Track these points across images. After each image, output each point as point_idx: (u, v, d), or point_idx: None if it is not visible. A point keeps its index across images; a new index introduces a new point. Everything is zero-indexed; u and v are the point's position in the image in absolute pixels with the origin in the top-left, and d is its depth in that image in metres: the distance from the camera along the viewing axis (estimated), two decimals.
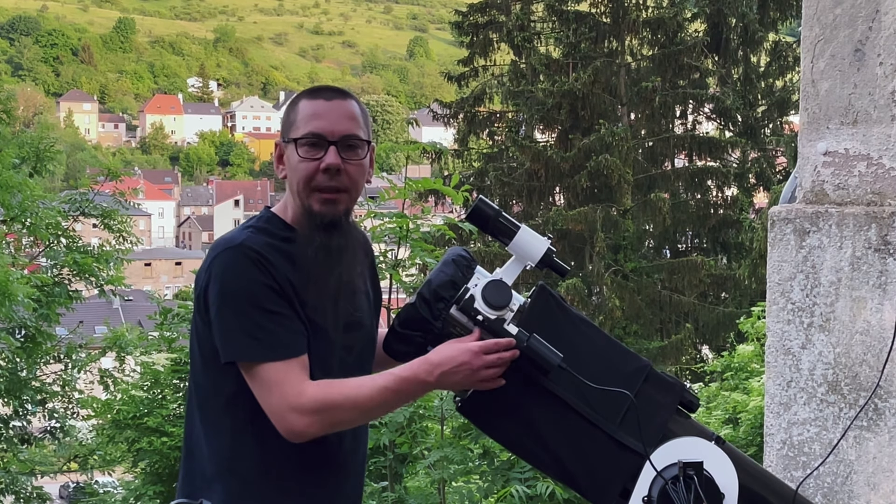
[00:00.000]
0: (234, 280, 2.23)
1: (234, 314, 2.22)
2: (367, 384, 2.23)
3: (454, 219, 6.37)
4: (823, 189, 2.84)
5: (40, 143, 11.20)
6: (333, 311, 2.33)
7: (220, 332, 2.23)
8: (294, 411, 2.19)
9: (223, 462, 2.31)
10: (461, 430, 5.86)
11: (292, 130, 2.34)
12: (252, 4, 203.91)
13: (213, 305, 2.24)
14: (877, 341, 2.69)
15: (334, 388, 2.22)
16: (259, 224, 2.34)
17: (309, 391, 2.20)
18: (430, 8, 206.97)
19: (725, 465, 2.20)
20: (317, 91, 2.39)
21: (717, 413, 9.01)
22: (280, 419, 2.20)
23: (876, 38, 2.74)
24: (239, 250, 2.24)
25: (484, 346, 2.19)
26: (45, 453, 11.23)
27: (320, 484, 2.36)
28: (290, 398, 2.19)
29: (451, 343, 2.22)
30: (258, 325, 2.21)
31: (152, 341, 8.62)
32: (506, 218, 2.33)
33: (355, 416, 2.26)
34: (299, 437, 2.22)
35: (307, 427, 2.19)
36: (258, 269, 2.22)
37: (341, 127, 2.32)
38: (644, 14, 25.65)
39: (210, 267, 2.26)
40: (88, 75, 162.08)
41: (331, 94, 2.37)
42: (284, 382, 2.20)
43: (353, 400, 2.21)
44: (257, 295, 2.21)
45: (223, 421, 2.31)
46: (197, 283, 2.31)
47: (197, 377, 2.36)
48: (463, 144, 27.66)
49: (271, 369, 2.20)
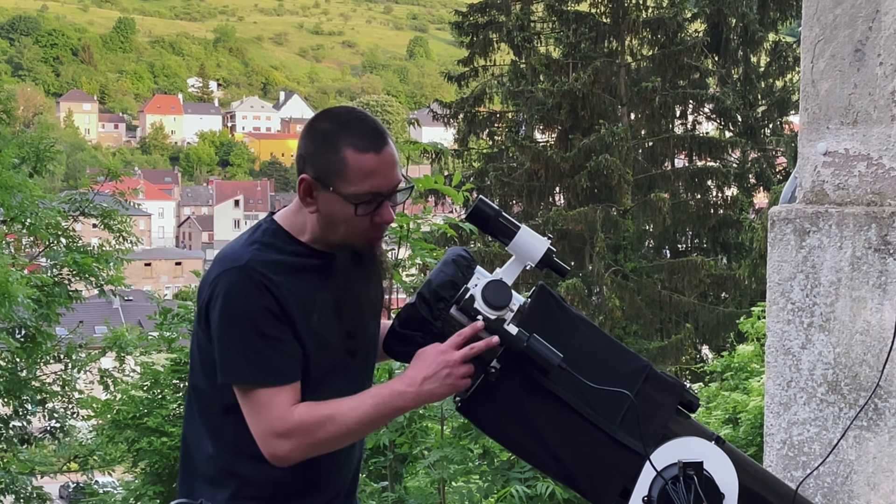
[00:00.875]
0: (236, 302, 2.23)
1: (233, 336, 2.23)
2: (351, 405, 2.24)
3: (455, 218, 6.37)
4: (823, 189, 2.84)
5: (40, 143, 11.19)
6: (340, 321, 2.35)
7: (219, 352, 2.26)
8: (276, 436, 2.21)
9: (224, 464, 2.32)
10: (461, 430, 5.86)
11: (341, 182, 2.26)
12: (252, 4, 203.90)
13: (214, 323, 2.26)
14: (877, 341, 2.69)
15: (318, 410, 2.23)
16: (265, 239, 2.32)
17: (291, 416, 2.21)
18: (430, 8, 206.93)
19: (725, 465, 2.20)
20: (361, 137, 2.28)
21: (717, 413, 9.01)
22: (263, 444, 2.23)
23: (876, 38, 2.74)
24: (244, 272, 2.24)
25: (467, 355, 2.19)
26: (45, 453, 11.24)
27: (319, 485, 2.37)
28: (274, 423, 2.21)
29: (431, 353, 2.22)
30: (254, 350, 2.22)
31: (152, 341, 8.63)
32: (506, 218, 2.33)
33: (338, 437, 2.26)
34: (282, 462, 2.24)
35: (289, 452, 2.22)
36: (261, 293, 2.23)
37: (394, 180, 2.31)
38: (644, 14, 25.66)
39: (214, 283, 2.27)
40: (88, 75, 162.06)
41: (378, 143, 2.28)
42: (270, 408, 2.22)
43: (335, 420, 2.22)
44: (257, 320, 2.23)
45: (224, 425, 2.32)
46: (200, 295, 2.32)
47: (197, 382, 2.37)
48: (463, 144, 27.67)
49: (261, 394, 2.22)
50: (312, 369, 2.28)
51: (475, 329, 2.20)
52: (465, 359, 2.19)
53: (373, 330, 2.49)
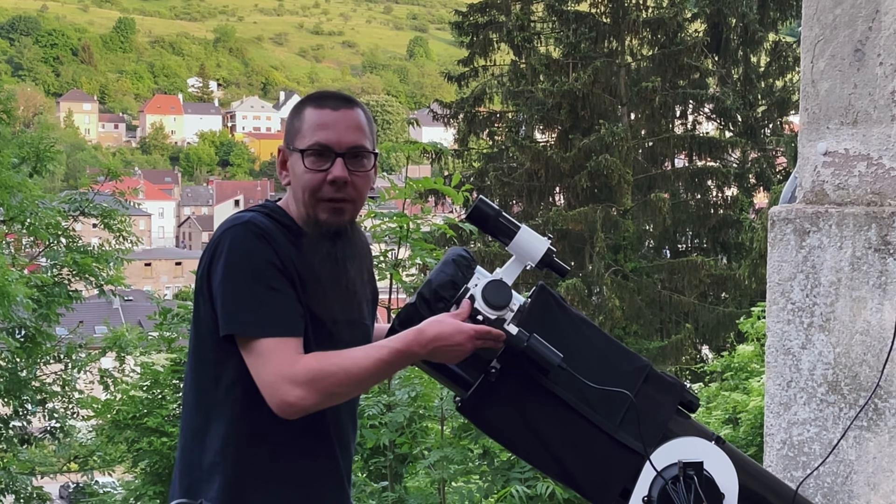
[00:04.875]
0: (240, 254, 2.24)
1: (238, 287, 2.23)
2: (361, 355, 2.23)
3: (455, 219, 6.37)
4: (823, 189, 2.84)
5: (40, 143, 11.20)
6: (334, 314, 2.35)
7: (222, 305, 2.25)
8: (287, 382, 2.18)
9: (221, 451, 2.31)
10: (461, 430, 5.86)
11: (298, 139, 2.34)
12: (252, 4, 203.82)
13: (217, 277, 2.25)
14: (877, 341, 2.69)
15: (328, 358, 2.22)
16: (265, 211, 2.36)
17: (302, 362, 2.20)
18: (430, 8, 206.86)
19: (725, 465, 2.20)
20: (323, 98, 2.37)
21: (717, 413, 9.00)
22: (273, 391, 2.19)
23: (876, 38, 2.74)
24: (246, 227, 2.27)
25: (479, 332, 2.20)
26: (45, 453, 11.24)
27: (315, 469, 2.37)
28: (284, 369, 2.19)
29: (446, 318, 2.22)
30: (260, 301, 2.22)
31: (152, 341, 8.62)
32: (506, 218, 2.34)
33: (349, 386, 2.25)
34: (292, 409, 2.20)
35: (300, 399, 2.18)
36: (264, 246, 2.24)
37: (348, 138, 2.32)
38: (644, 14, 25.65)
39: (216, 243, 2.28)
40: (88, 75, 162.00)
41: (337, 103, 2.35)
42: (279, 355, 2.20)
43: (347, 370, 2.21)
44: (262, 270, 2.23)
45: (221, 410, 2.31)
46: (200, 262, 2.32)
47: (195, 366, 2.37)
48: (463, 144, 27.65)
49: (269, 343, 2.21)
50: (308, 348, 2.28)
51: (493, 332, 2.21)
52: (478, 335, 2.19)
53: (367, 326, 2.49)
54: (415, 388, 5.84)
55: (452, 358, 2.22)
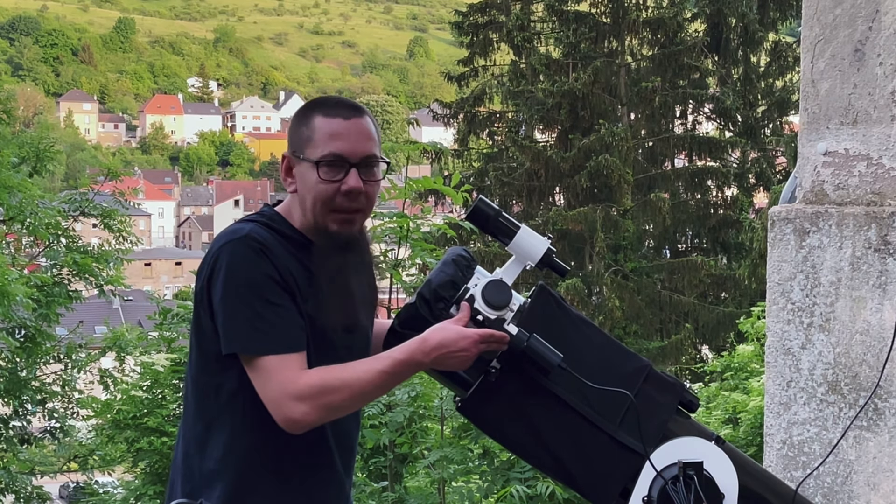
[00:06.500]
0: (239, 270, 2.23)
1: (238, 305, 2.23)
2: (364, 368, 2.23)
3: (455, 218, 6.37)
4: (823, 189, 2.84)
5: (40, 143, 11.19)
6: (336, 321, 2.34)
7: (223, 323, 2.24)
8: (291, 398, 2.19)
9: (222, 459, 2.31)
10: (461, 430, 5.86)
11: (309, 148, 2.32)
12: (252, 4, 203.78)
13: (218, 295, 2.24)
14: (877, 341, 2.69)
15: (331, 373, 2.22)
16: (263, 220, 2.35)
17: (305, 378, 2.20)
18: (430, 8, 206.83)
19: (725, 465, 2.20)
20: (332, 106, 2.36)
21: (717, 413, 9.01)
22: (277, 408, 2.20)
23: (876, 38, 2.74)
24: (244, 241, 2.26)
25: (483, 335, 2.19)
26: (45, 453, 11.23)
27: (317, 477, 2.37)
28: (287, 385, 2.19)
29: (448, 325, 2.21)
30: (260, 317, 2.22)
31: (152, 341, 8.61)
32: (506, 218, 2.33)
33: (353, 400, 2.25)
34: (297, 425, 2.21)
35: (304, 415, 2.19)
36: (263, 260, 2.24)
37: (362, 148, 2.32)
38: (644, 14, 25.66)
39: (214, 257, 2.27)
40: (88, 75, 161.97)
41: (349, 112, 2.34)
42: (282, 372, 2.20)
43: (350, 384, 2.21)
44: (261, 286, 2.23)
45: (223, 418, 2.31)
46: (199, 275, 2.32)
47: (196, 375, 2.37)
48: (463, 144, 27.66)
49: (271, 360, 2.21)
50: (310, 361, 2.27)
51: (496, 334, 2.21)
52: (482, 338, 2.19)
53: (367, 327, 2.49)
54: (415, 388, 5.84)
55: (458, 364, 2.21)
